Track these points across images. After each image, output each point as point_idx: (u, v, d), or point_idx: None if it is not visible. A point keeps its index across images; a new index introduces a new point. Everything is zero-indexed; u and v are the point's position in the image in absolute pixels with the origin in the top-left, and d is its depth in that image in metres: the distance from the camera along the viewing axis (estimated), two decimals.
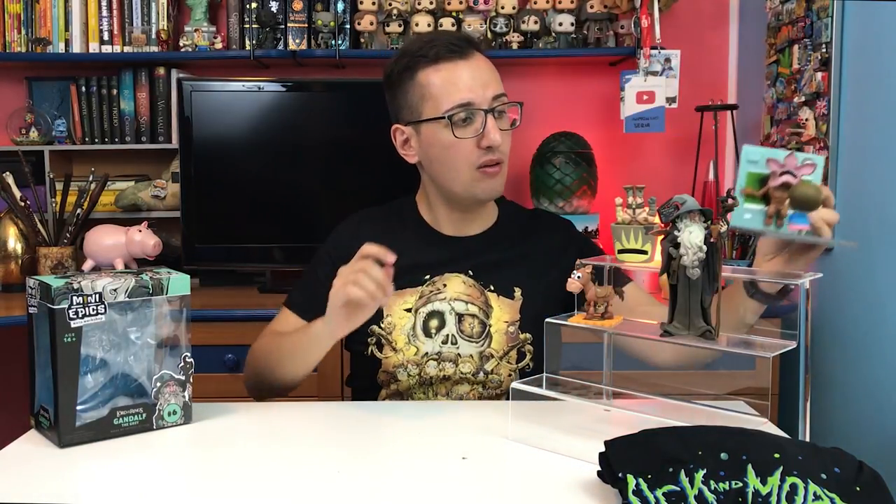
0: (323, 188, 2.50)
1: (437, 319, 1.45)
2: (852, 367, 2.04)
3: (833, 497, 0.88)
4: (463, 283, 1.47)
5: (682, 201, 1.06)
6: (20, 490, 1.02)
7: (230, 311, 2.28)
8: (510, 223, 1.55)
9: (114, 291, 1.17)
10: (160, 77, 2.71)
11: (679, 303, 1.08)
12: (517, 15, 2.60)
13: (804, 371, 1.09)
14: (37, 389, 1.20)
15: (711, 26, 2.80)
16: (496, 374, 1.44)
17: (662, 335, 1.09)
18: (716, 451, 0.90)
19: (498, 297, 1.46)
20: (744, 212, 1.12)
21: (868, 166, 1.97)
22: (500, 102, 1.44)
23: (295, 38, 2.68)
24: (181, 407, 1.24)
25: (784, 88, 2.32)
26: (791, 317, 1.14)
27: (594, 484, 0.98)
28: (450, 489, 1.02)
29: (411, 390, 1.46)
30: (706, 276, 1.06)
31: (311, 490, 1.02)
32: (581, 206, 2.60)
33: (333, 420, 1.33)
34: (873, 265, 1.94)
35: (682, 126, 2.67)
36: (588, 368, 1.33)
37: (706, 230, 1.04)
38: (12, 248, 2.55)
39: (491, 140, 1.41)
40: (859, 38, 2.01)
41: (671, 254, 1.06)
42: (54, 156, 2.66)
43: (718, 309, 1.07)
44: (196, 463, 1.15)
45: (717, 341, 1.07)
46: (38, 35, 2.66)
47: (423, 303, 1.47)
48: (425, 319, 1.46)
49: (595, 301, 1.17)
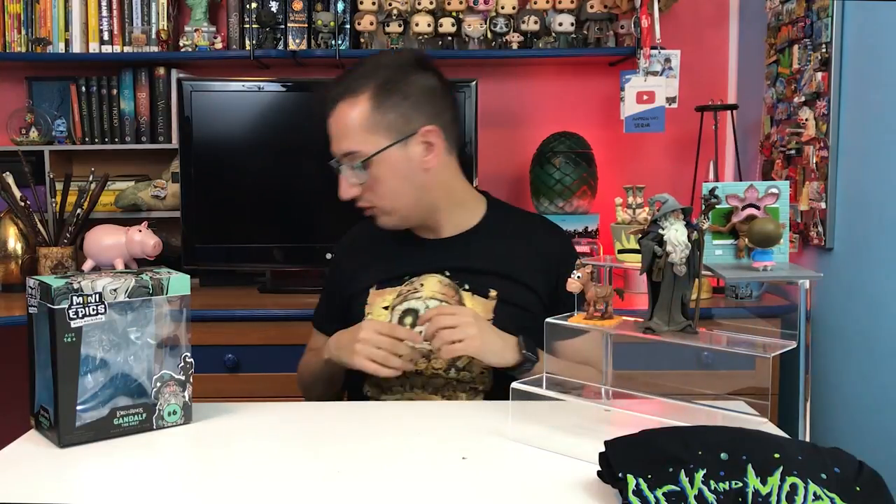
0: (323, 188, 2.48)
1: (411, 317, 1.47)
2: (852, 367, 2.04)
3: (833, 497, 0.88)
4: (439, 283, 1.48)
5: (663, 200, 1.07)
6: (20, 490, 1.02)
7: (230, 311, 2.28)
8: (495, 224, 1.55)
9: (114, 291, 1.17)
10: (160, 77, 2.71)
11: (660, 299, 1.08)
12: (517, 15, 2.60)
13: (804, 371, 1.09)
14: (37, 389, 1.20)
15: (711, 26, 2.80)
16: (467, 372, 1.45)
17: (644, 332, 1.10)
18: (716, 451, 0.90)
19: (472, 297, 1.47)
20: (714, 249, 1.12)
21: (868, 166, 1.97)
22: (345, 161, 1.46)
23: (295, 38, 2.68)
24: (181, 407, 1.24)
25: (784, 88, 2.32)
26: (791, 317, 1.14)
27: (594, 484, 0.98)
28: (450, 489, 1.02)
29: (389, 382, 1.48)
30: (688, 271, 1.07)
31: (311, 490, 1.02)
32: (581, 206, 2.60)
33: (333, 420, 1.33)
34: (873, 265, 1.94)
35: (682, 126, 2.67)
36: None
37: (693, 227, 1.05)
38: (12, 248, 2.55)
39: (340, 195, 1.48)
40: (859, 38, 2.01)
41: (656, 252, 1.06)
42: (54, 156, 2.66)
43: (698, 303, 1.08)
44: (196, 463, 1.15)
45: (718, 341, 1.07)
46: (38, 35, 2.66)
47: (400, 301, 1.49)
48: (401, 317, 1.48)
49: (595, 301, 1.17)
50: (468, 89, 2.45)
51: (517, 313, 1.46)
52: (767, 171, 2.43)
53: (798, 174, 2.24)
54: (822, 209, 2.11)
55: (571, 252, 1.56)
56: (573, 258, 1.52)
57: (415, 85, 1.44)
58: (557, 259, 1.50)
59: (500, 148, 2.79)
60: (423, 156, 1.44)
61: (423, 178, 1.45)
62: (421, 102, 1.43)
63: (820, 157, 2.13)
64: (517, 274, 1.49)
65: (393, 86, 1.42)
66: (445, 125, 1.46)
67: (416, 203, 1.48)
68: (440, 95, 1.47)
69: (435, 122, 1.44)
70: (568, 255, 1.52)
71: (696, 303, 1.08)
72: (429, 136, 1.43)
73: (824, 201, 2.09)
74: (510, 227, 1.55)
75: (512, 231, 1.54)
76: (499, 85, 2.81)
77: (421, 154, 1.44)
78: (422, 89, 1.44)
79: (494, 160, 2.75)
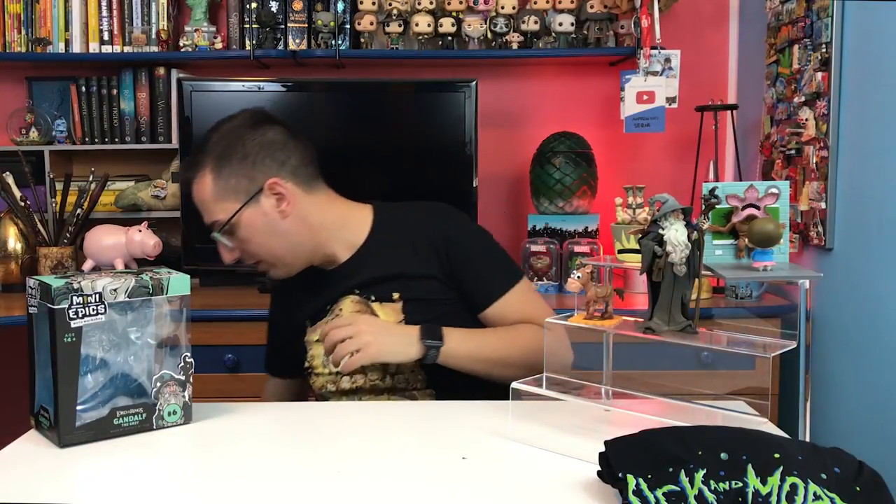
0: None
1: None
2: (852, 367, 2.04)
3: (833, 497, 0.88)
4: (353, 303, 1.52)
5: (663, 200, 1.07)
6: (20, 490, 1.02)
7: (230, 311, 2.28)
8: (382, 231, 1.56)
9: (114, 291, 1.17)
10: (160, 77, 2.71)
11: (660, 299, 1.08)
12: (517, 15, 2.60)
13: (804, 371, 1.09)
14: (37, 389, 1.20)
15: (711, 26, 2.80)
16: (401, 373, 1.49)
17: (644, 332, 1.10)
18: (716, 451, 0.90)
19: (381, 305, 1.51)
20: (714, 249, 1.12)
21: (868, 166, 1.97)
22: (214, 230, 1.50)
23: (295, 38, 2.68)
24: (181, 407, 1.24)
25: (784, 88, 2.32)
26: (791, 317, 1.15)
27: (594, 484, 0.98)
28: (450, 489, 1.02)
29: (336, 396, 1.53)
30: (688, 271, 1.07)
31: (311, 490, 1.02)
32: (581, 206, 2.60)
33: (333, 420, 1.33)
34: (873, 265, 1.95)
35: (682, 126, 2.67)
36: (588, 368, 1.33)
37: (693, 227, 1.05)
38: (12, 248, 2.56)
39: (223, 261, 1.53)
40: (859, 38, 2.01)
41: (656, 252, 1.06)
42: (54, 156, 2.66)
43: (698, 303, 1.09)
44: (196, 463, 1.15)
45: (718, 341, 1.07)
46: (38, 35, 2.66)
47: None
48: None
49: (595, 301, 1.17)
50: (468, 89, 2.45)
51: (424, 306, 1.50)
52: (767, 171, 2.44)
53: (798, 174, 2.24)
54: (822, 209, 2.11)
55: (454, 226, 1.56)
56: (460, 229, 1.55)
57: (251, 144, 1.48)
58: (442, 239, 1.52)
59: (500, 148, 2.79)
60: (277, 207, 1.48)
61: (286, 225, 1.49)
62: (260, 158, 1.48)
63: (820, 157, 2.13)
64: (412, 270, 1.51)
65: (230, 152, 1.47)
66: (293, 170, 1.50)
67: (292, 249, 1.51)
68: (280, 145, 1.50)
69: (279, 172, 1.48)
70: (451, 231, 1.54)
71: (696, 303, 1.08)
72: (275, 188, 1.47)
73: (824, 201, 2.09)
74: (396, 227, 1.57)
75: (398, 231, 1.56)
76: (499, 85, 2.81)
77: (274, 206, 1.48)
78: (260, 146, 1.48)
79: (494, 160, 2.75)
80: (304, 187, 1.51)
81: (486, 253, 1.55)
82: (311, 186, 1.52)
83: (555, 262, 2.52)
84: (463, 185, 2.45)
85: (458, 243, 1.52)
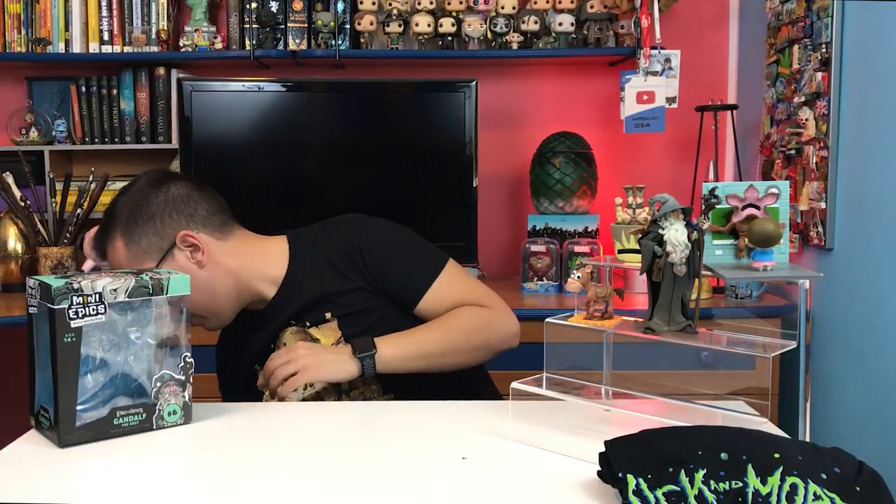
0: (323, 188, 2.50)
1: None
2: (852, 367, 2.04)
3: (833, 497, 0.88)
4: (293, 334, 1.52)
5: (663, 200, 1.07)
6: (20, 490, 1.02)
7: None
8: (300, 258, 1.56)
9: (114, 291, 1.17)
10: (160, 77, 2.71)
11: (660, 299, 1.08)
12: (517, 15, 2.60)
13: (804, 371, 1.09)
14: (37, 389, 1.20)
15: (711, 26, 2.80)
16: (355, 388, 1.48)
17: (644, 332, 1.10)
18: (716, 451, 0.90)
19: (318, 329, 1.51)
20: (714, 249, 1.12)
21: (868, 166, 1.97)
22: None
23: (295, 38, 2.68)
24: (181, 407, 1.24)
25: (784, 88, 2.32)
26: (791, 317, 1.14)
27: (594, 484, 0.98)
28: (450, 489, 1.02)
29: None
30: (688, 271, 1.07)
31: (311, 490, 1.02)
32: (581, 206, 2.60)
33: (333, 420, 1.33)
34: (873, 265, 1.95)
35: (682, 126, 2.67)
36: (588, 368, 1.33)
37: (693, 227, 1.05)
38: (12, 248, 2.56)
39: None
40: (859, 38, 2.01)
41: (656, 252, 1.07)
42: (54, 156, 2.66)
43: (698, 303, 1.09)
44: (196, 463, 1.15)
45: (718, 341, 1.07)
46: (38, 35, 2.66)
47: None
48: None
49: (595, 301, 1.17)
50: (468, 89, 2.45)
51: (358, 318, 1.49)
52: (767, 171, 2.44)
53: (798, 174, 2.24)
54: (822, 209, 2.11)
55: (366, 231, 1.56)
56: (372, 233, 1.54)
57: (156, 203, 1.48)
58: (356, 247, 1.52)
59: (500, 148, 2.79)
60: (192, 258, 1.48)
61: (206, 275, 1.48)
62: (168, 214, 1.48)
63: (820, 157, 2.13)
64: (335, 286, 1.51)
65: (136, 214, 1.47)
66: (203, 220, 1.50)
67: (217, 298, 1.50)
68: (185, 198, 1.50)
69: (189, 224, 1.48)
70: (362, 237, 1.53)
71: (696, 303, 1.08)
72: (187, 240, 1.47)
73: (824, 201, 2.09)
74: (312, 250, 1.56)
75: (315, 253, 1.56)
76: (499, 85, 2.81)
77: (188, 258, 1.48)
78: (165, 202, 1.48)
79: (494, 160, 2.75)
80: (217, 235, 1.50)
81: (404, 249, 1.54)
82: (224, 233, 1.52)
83: (555, 263, 2.52)
84: (463, 186, 2.45)
85: (371, 246, 1.52)
